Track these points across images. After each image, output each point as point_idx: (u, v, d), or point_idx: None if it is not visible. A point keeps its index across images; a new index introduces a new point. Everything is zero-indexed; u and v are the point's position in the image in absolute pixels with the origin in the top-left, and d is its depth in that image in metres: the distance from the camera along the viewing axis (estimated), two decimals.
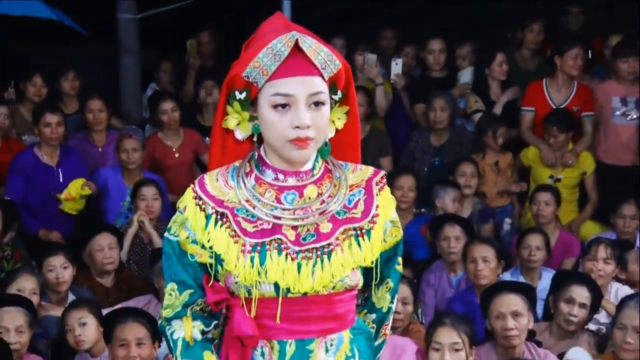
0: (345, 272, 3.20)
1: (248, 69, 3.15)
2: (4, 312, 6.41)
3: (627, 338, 5.88)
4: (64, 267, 7.38)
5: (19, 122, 10.30)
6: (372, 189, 3.34)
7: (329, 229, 3.22)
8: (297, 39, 3.13)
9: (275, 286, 3.17)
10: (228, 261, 3.18)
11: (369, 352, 3.47)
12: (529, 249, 7.98)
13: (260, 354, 3.28)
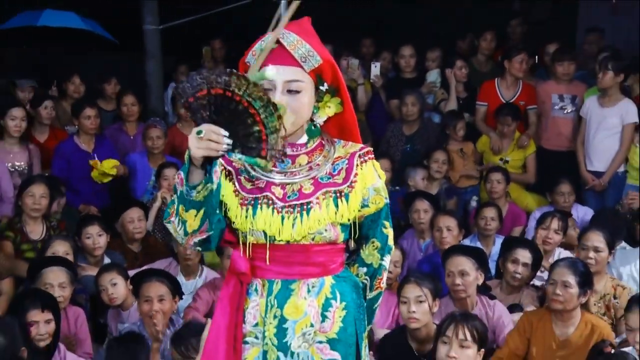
0: (321, 226, 3.35)
1: (249, 56, 3.42)
2: (49, 271, 6.40)
3: (556, 290, 5.81)
4: (99, 235, 7.42)
5: (62, 115, 10.21)
6: (354, 161, 3.46)
7: (310, 190, 3.38)
8: (280, 37, 3.33)
9: (264, 234, 3.36)
10: (230, 210, 3.41)
11: (354, 297, 3.53)
12: (485, 219, 8.02)
13: (254, 289, 3.47)
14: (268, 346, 3.42)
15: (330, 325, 3.42)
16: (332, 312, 3.43)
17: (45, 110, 9.64)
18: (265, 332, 3.41)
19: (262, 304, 3.42)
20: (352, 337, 3.47)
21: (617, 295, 6.68)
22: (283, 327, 3.40)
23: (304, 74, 3.33)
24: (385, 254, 3.61)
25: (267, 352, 3.42)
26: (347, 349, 3.45)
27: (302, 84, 3.32)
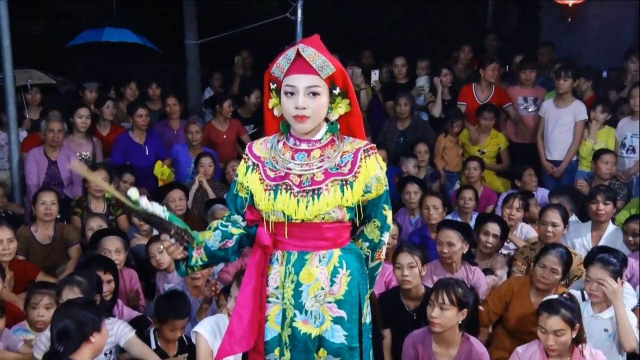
0: (330, 208, 3.41)
1: (274, 68, 3.47)
2: (107, 240, 6.53)
3: (544, 274, 5.78)
4: None
5: (119, 113, 10.23)
6: (359, 155, 3.48)
7: (321, 178, 3.44)
8: (298, 48, 3.38)
9: (283, 214, 3.43)
10: (256, 195, 3.50)
11: (358, 266, 3.58)
12: (464, 199, 8.03)
13: (276, 259, 3.54)
14: (287, 305, 3.48)
15: (338, 289, 3.48)
16: (339, 278, 3.48)
17: (107, 109, 9.76)
18: (285, 294, 3.48)
19: (282, 271, 3.49)
20: (355, 299, 3.52)
21: None
22: (299, 290, 3.46)
23: (321, 80, 3.37)
24: (385, 231, 3.66)
25: (286, 310, 3.48)
26: (351, 308, 3.50)
27: (320, 89, 3.37)
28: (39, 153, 8.69)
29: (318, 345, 3.49)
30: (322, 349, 3.49)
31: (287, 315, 3.50)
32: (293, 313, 3.48)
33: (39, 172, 8.60)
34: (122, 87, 10.76)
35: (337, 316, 3.49)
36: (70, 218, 7.87)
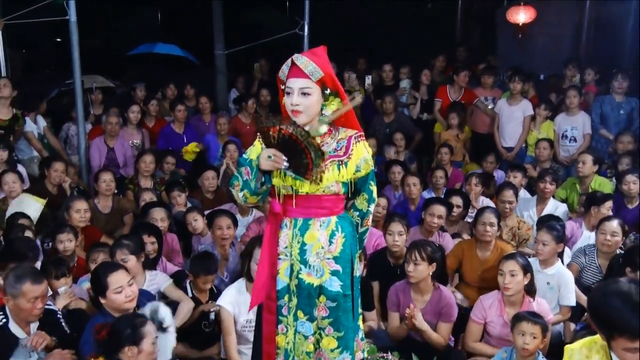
0: (329, 183, 3.42)
1: (280, 73, 3.46)
2: (154, 210, 6.50)
3: (486, 229, 5.80)
4: (182, 193, 7.43)
5: (162, 109, 10.17)
6: (351, 141, 3.49)
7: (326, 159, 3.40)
8: (294, 59, 3.39)
9: (291, 188, 3.43)
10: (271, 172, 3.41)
11: (350, 230, 3.58)
12: (436, 178, 7.91)
13: (285, 224, 3.52)
14: (294, 260, 3.49)
15: (335, 248, 3.48)
16: (336, 239, 3.47)
17: (152, 106, 9.73)
18: (292, 252, 3.48)
19: (290, 234, 3.48)
20: (348, 256, 3.51)
21: (520, 227, 6.66)
22: (304, 249, 3.46)
23: (312, 83, 3.34)
24: (371, 203, 3.65)
25: (293, 264, 3.49)
26: (345, 263, 3.49)
27: (310, 90, 3.35)
28: (100, 141, 8.76)
29: (319, 292, 3.49)
30: (322, 296, 3.49)
31: (294, 269, 3.50)
32: (299, 267, 3.48)
33: (100, 156, 8.68)
34: (164, 88, 10.73)
35: (334, 269, 3.49)
36: (125, 192, 7.90)
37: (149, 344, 3.91)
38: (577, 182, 7.82)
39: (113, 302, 4.42)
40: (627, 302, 2.68)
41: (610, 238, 5.77)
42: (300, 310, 3.50)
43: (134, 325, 3.93)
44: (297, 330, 3.51)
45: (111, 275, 4.44)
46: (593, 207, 6.63)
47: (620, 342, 2.72)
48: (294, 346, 3.51)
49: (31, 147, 8.65)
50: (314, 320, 3.49)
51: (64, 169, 7.71)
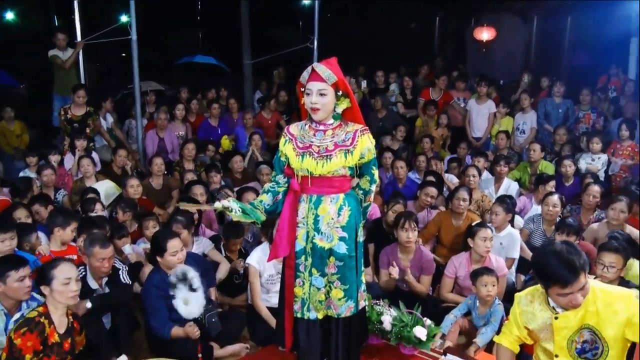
0: (337, 167, 3.38)
1: (301, 78, 3.40)
2: (195, 187, 6.47)
3: (460, 203, 5.82)
4: (217, 173, 7.33)
5: (202, 107, 10.11)
6: (357, 133, 3.43)
7: (332, 148, 3.39)
8: (313, 67, 3.34)
9: (307, 171, 3.40)
10: (290, 158, 3.46)
11: (355, 205, 3.53)
12: (419, 162, 7.86)
13: (302, 199, 3.48)
14: (309, 228, 3.46)
15: (342, 219, 3.44)
16: (343, 212, 3.44)
17: (193, 105, 9.71)
18: (307, 221, 3.45)
19: (306, 207, 3.46)
20: (353, 225, 3.49)
21: (483, 200, 6.64)
22: (317, 219, 3.44)
23: (327, 86, 3.31)
24: (373, 183, 3.60)
25: (309, 232, 3.46)
26: (351, 231, 3.47)
27: (326, 91, 3.32)
28: (153, 133, 8.72)
29: (329, 254, 3.46)
30: (332, 257, 3.47)
31: (309, 235, 3.47)
32: (313, 234, 3.46)
33: (153, 145, 8.65)
34: (203, 90, 10.75)
35: (341, 236, 3.46)
36: (172, 173, 7.86)
37: (59, 283, 3.64)
38: (528, 166, 7.86)
39: (168, 262, 4.44)
40: (559, 259, 2.76)
41: (552, 209, 5.82)
42: (314, 267, 3.49)
43: (47, 268, 3.74)
44: (311, 283, 3.50)
45: (170, 242, 4.45)
46: (541, 185, 6.68)
47: (555, 290, 2.81)
48: (309, 296, 3.51)
49: (102, 137, 8.67)
50: (325, 275, 3.48)
51: (126, 155, 7.73)
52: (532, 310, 3.04)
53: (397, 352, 3.88)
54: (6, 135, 8.73)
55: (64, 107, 8.06)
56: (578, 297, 2.80)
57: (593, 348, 2.89)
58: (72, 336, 3.72)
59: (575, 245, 2.89)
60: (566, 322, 2.91)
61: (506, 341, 3.19)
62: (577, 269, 2.74)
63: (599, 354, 2.88)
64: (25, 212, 5.56)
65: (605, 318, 2.84)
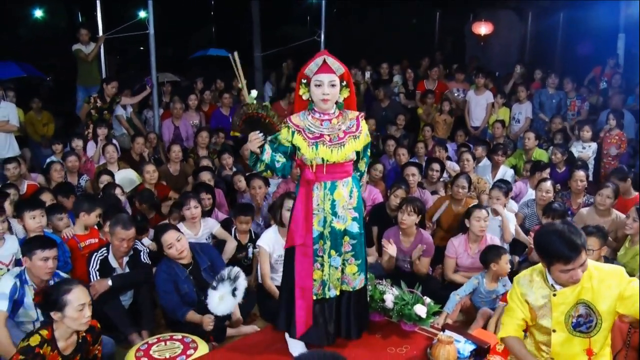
0: (350, 152, 3.38)
1: (307, 70, 3.31)
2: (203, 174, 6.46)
3: (459, 190, 5.79)
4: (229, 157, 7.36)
5: (214, 97, 10.06)
6: (359, 120, 3.47)
7: (342, 135, 3.38)
8: (324, 58, 3.30)
9: (322, 159, 3.35)
10: (302, 148, 3.36)
11: (359, 185, 3.55)
12: (417, 149, 7.86)
13: (316, 187, 3.42)
14: (327, 213, 3.44)
15: (353, 200, 3.47)
16: (353, 193, 3.46)
17: (207, 95, 9.69)
18: (324, 207, 3.43)
19: (321, 194, 3.42)
20: (361, 205, 3.54)
21: (479, 182, 6.62)
22: (334, 204, 3.42)
23: (336, 77, 3.29)
24: (366, 164, 3.68)
25: (326, 217, 3.44)
26: (359, 211, 3.51)
27: (335, 82, 3.30)
28: (169, 121, 8.71)
29: (343, 234, 3.47)
30: (346, 237, 3.48)
31: (327, 220, 3.45)
32: (331, 218, 3.44)
33: (169, 133, 8.64)
34: (215, 82, 10.72)
35: (354, 216, 3.49)
36: (187, 160, 7.82)
37: (73, 310, 3.23)
38: (523, 153, 7.83)
39: (169, 255, 4.41)
40: (562, 237, 2.80)
41: (545, 195, 5.82)
42: (332, 249, 3.48)
43: (58, 293, 3.26)
44: (330, 264, 3.49)
45: (164, 235, 4.41)
46: (537, 172, 6.67)
47: (558, 266, 2.85)
48: (329, 277, 3.50)
49: (122, 126, 8.66)
50: (341, 255, 3.49)
51: (144, 142, 7.70)
52: (532, 288, 3.05)
53: (399, 328, 3.86)
54: (34, 124, 8.75)
55: (93, 95, 8.06)
56: (579, 273, 2.84)
57: (587, 321, 2.93)
58: (82, 351, 3.42)
59: (575, 225, 2.96)
60: (564, 298, 2.95)
61: (511, 330, 3.13)
62: (579, 246, 2.79)
63: (592, 327, 2.93)
64: (51, 196, 5.62)
65: (599, 293, 2.89)
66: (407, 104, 10.03)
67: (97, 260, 4.43)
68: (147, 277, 4.51)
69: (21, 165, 6.64)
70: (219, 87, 10.50)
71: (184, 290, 4.36)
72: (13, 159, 6.63)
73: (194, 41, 16.78)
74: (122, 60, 16.20)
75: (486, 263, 4.56)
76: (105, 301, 4.28)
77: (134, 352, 3.77)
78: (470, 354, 3.59)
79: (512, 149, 8.39)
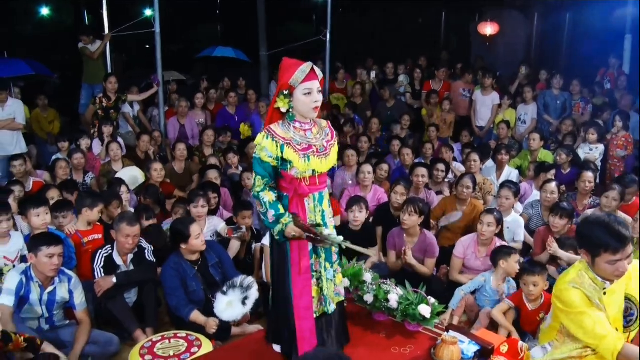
0: (333, 161, 3.28)
1: (292, 80, 3.08)
2: (209, 172, 6.50)
3: (464, 190, 5.77)
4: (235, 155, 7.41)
5: (220, 96, 10.07)
6: (331, 127, 3.36)
7: (326, 145, 3.23)
8: (313, 66, 3.12)
9: (312, 171, 3.17)
10: (294, 161, 3.11)
11: None
12: (425, 149, 7.85)
13: (307, 200, 3.23)
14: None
15: (331, 208, 3.41)
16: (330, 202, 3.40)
17: (212, 94, 9.68)
18: (315, 219, 3.27)
19: (312, 206, 3.25)
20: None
21: (485, 183, 6.61)
22: (323, 214, 3.29)
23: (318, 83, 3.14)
24: None
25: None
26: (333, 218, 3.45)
27: (320, 88, 3.13)
28: (175, 120, 8.72)
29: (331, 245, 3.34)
30: (333, 247, 3.37)
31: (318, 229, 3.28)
32: (322, 228, 3.28)
33: (174, 131, 8.65)
34: (221, 81, 10.71)
35: (334, 225, 3.42)
36: (192, 158, 7.80)
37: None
38: (529, 154, 7.80)
39: (193, 246, 4.43)
40: (608, 227, 2.78)
41: (549, 196, 5.80)
42: (327, 262, 3.35)
43: None
44: (327, 278, 3.36)
45: (191, 227, 4.42)
46: (542, 173, 6.67)
47: (605, 257, 2.82)
48: (328, 291, 3.36)
49: (127, 123, 8.67)
50: (332, 265, 3.39)
51: (149, 140, 7.71)
52: (586, 288, 2.95)
53: (403, 328, 3.85)
54: (40, 122, 8.78)
55: (98, 96, 8.10)
56: (625, 265, 2.82)
57: (628, 315, 2.92)
58: None
59: (619, 217, 2.96)
60: (614, 293, 2.92)
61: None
62: (627, 237, 2.77)
63: (633, 321, 2.92)
64: (57, 192, 5.67)
65: (636, 286, 2.89)
66: (413, 104, 10.02)
67: (101, 257, 4.44)
68: (152, 275, 4.52)
69: (27, 163, 6.68)
70: (225, 85, 10.51)
71: (191, 287, 4.37)
72: (19, 156, 6.67)
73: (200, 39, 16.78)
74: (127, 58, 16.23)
75: (496, 261, 4.57)
76: (110, 298, 4.29)
77: (138, 349, 3.77)
78: (474, 355, 3.57)
79: (518, 150, 8.37)
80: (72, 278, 4.14)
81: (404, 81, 10.43)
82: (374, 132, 8.77)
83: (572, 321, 2.99)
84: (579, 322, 2.95)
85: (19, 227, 4.95)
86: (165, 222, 5.67)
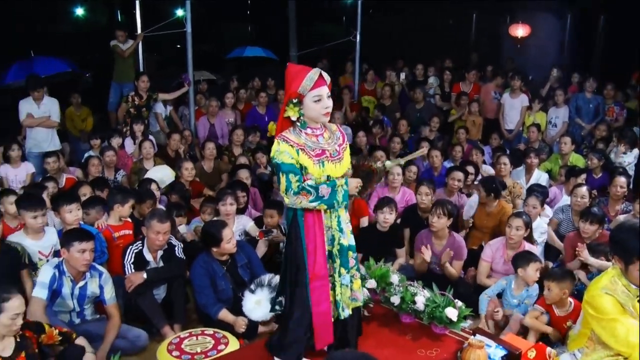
0: (347, 166, 3.25)
1: (301, 88, 3.05)
2: (240, 171, 6.50)
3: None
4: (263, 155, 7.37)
5: (250, 96, 10.09)
6: (341, 130, 3.34)
7: (339, 149, 3.21)
8: (320, 72, 3.09)
9: (327, 176, 3.13)
10: (308, 167, 3.08)
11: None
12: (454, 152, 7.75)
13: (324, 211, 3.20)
14: (334, 231, 3.25)
15: (347, 214, 3.36)
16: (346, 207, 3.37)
17: (242, 94, 9.72)
18: (332, 225, 3.25)
19: (328, 213, 3.21)
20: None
21: (514, 187, 6.55)
22: (339, 221, 3.26)
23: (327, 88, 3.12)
24: None
25: (334, 234, 3.26)
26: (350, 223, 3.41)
27: (329, 94, 3.11)
28: (205, 119, 8.78)
29: (348, 249, 3.31)
30: (350, 251, 3.33)
31: (335, 237, 3.26)
32: (339, 235, 3.26)
33: (204, 130, 8.71)
34: (251, 81, 10.74)
35: (351, 230, 3.37)
36: (221, 157, 7.84)
37: (6, 318, 3.22)
38: (559, 158, 7.69)
39: (225, 249, 4.46)
40: None
41: (580, 200, 5.73)
42: (342, 267, 3.31)
43: None
44: (342, 283, 3.32)
45: (224, 231, 4.45)
46: (573, 177, 6.55)
47: (638, 265, 2.80)
48: (341, 296, 3.33)
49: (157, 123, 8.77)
50: (349, 271, 3.34)
51: (180, 139, 7.78)
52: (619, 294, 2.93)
53: (429, 331, 3.84)
54: (73, 119, 8.94)
55: (130, 94, 8.21)
56: None
57: None
58: (26, 347, 3.35)
59: None
60: None
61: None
62: None
63: None
64: (89, 189, 5.77)
65: None
66: (443, 106, 9.96)
67: (131, 253, 4.50)
68: (181, 272, 4.58)
69: (60, 159, 6.81)
70: (255, 85, 10.56)
71: (220, 287, 4.40)
72: (53, 152, 6.80)
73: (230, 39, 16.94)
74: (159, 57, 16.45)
75: (515, 267, 4.53)
76: (139, 294, 4.35)
77: (166, 345, 3.82)
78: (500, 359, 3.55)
79: (548, 154, 8.27)
80: (103, 273, 4.22)
81: (433, 83, 10.39)
82: (402, 134, 8.75)
83: (604, 328, 2.94)
84: (611, 329, 2.90)
85: (51, 222, 5.05)
86: (193, 220, 5.72)
